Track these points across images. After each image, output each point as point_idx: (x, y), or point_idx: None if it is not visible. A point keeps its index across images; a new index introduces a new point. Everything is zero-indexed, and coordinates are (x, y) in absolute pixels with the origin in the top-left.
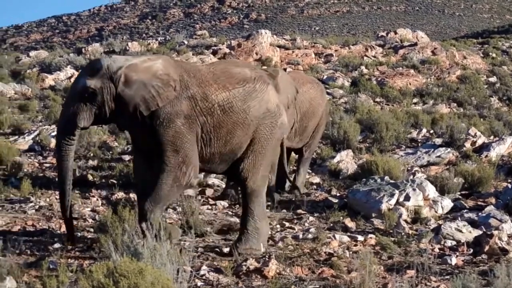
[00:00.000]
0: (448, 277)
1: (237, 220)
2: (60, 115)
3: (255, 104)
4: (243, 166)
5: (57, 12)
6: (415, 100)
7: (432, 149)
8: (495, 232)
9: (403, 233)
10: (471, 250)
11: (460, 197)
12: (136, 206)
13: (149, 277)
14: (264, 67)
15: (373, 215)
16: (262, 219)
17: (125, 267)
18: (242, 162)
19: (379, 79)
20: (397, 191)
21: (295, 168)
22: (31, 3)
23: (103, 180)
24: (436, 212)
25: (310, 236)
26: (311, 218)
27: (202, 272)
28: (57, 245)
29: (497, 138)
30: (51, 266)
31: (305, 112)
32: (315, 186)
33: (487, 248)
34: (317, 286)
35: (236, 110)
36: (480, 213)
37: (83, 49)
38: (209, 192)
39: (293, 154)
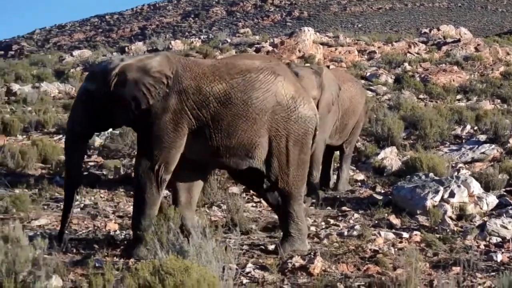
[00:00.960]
0: (493, 273)
1: None
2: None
3: (258, 96)
4: (270, 168)
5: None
6: (458, 97)
7: (477, 146)
8: None
9: (448, 230)
10: None
11: (505, 193)
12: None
13: (195, 275)
14: (308, 65)
15: (418, 212)
16: (303, 220)
17: (171, 265)
18: (268, 165)
19: (422, 75)
20: (441, 188)
21: (337, 166)
22: (74, 3)
23: None
24: (481, 208)
25: (355, 233)
26: (356, 215)
27: (247, 270)
28: (102, 243)
29: None
30: (97, 264)
31: (346, 110)
32: (359, 183)
33: None
34: (363, 283)
35: (234, 101)
36: None
37: (126, 48)
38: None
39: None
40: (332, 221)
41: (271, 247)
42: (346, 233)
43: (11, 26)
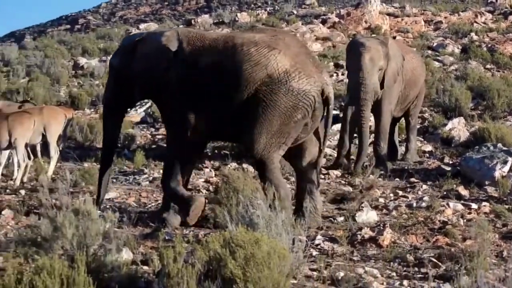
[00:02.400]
0: None
1: (350, 189)
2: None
3: (246, 68)
4: (245, 134)
5: None
6: None
7: None
8: None
9: None
10: None
11: None
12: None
13: (265, 247)
14: (374, 35)
15: (487, 182)
16: (278, 186)
17: (241, 237)
18: (244, 131)
19: (489, 45)
20: (510, 158)
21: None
22: None
23: (216, 151)
24: None
25: (423, 204)
26: (424, 187)
27: (317, 242)
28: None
29: None
30: (166, 237)
31: (408, 81)
32: (427, 154)
33: None
34: (432, 255)
35: (226, 73)
36: None
37: (192, 20)
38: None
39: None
40: (400, 193)
41: (340, 219)
42: (414, 204)
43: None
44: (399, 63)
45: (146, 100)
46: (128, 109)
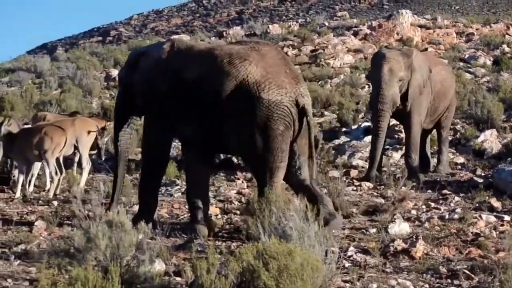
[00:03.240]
0: None
1: (383, 201)
2: None
3: (219, 80)
4: (229, 145)
5: None
6: None
7: None
8: None
9: None
10: None
11: None
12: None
13: (298, 259)
14: (400, 47)
15: None
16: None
17: (274, 249)
18: (235, 149)
19: None
20: None
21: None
22: None
23: None
24: None
25: (456, 216)
26: (456, 198)
27: (349, 253)
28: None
29: None
30: (199, 248)
31: (437, 93)
32: (459, 166)
33: None
34: (465, 266)
35: (203, 85)
36: None
37: (224, 32)
38: (353, 173)
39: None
40: (433, 204)
41: (373, 230)
42: (447, 216)
43: (108, 11)
44: (425, 74)
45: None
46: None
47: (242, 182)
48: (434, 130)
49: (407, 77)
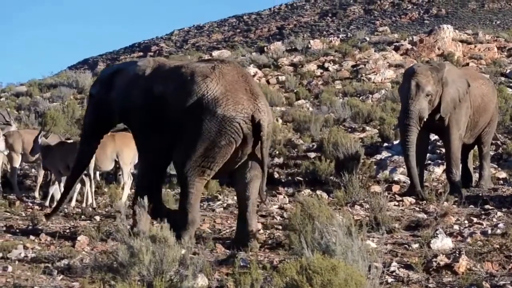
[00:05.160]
0: None
1: (425, 216)
2: None
3: (181, 96)
4: (175, 153)
5: (238, 11)
6: None
7: None
8: None
9: None
10: None
11: None
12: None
13: (342, 274)
14: (432, 61)
15: None
16: (189, 210)
17: (318, 264)
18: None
19: None
20: None
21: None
22: (212, 4)
23: (289, 178)
24: None
25: (498, 231)
26: (499, 213)
27: (392, 268)
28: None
29: None
30: (242, 263)
31: (477, 108)
32: (501, 181)
33: None
34: (508, 282)
35: (169, 101)
36: None
37: (265, 48)
38: (395, 188)
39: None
40: (475, 220)
41: (415, 245)
42: (489, 231)
43: (149, 27)
44: (461, 88)
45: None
46: (105, 133)
47: (284, 197)
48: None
49: (437, 92)
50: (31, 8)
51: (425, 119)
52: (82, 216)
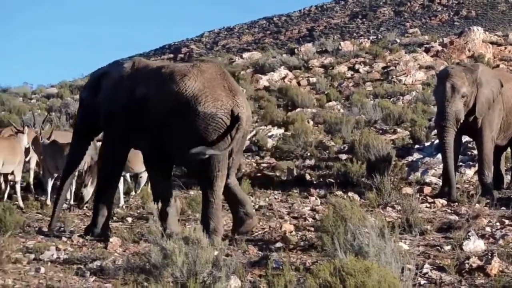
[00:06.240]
0: None
1: (457, 218)
2: None
3: (161, 95)
4: (174, 157)
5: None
6: None
7: None
8: None
9: None
10: None
11: None
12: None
13: (376, 276)
14: (464, 63)
15: None
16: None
17: (351, 266)
18: (174, 156)
19: None
20: None
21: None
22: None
23: (321, 179)
24: None
25: None
26: None
27: (424, 270)
28: (278, 244)
29: None
30: (274, 265)
31: (510, 109)
32: None
33: None
34: None
35: (150, 101)
36: None
37: (295, 49)
38: (427, 190)
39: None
40: (507, 222)
41: (447, 247)
42: None
43: (180, 29)
44: (494, 89)
45: (251, 129)
46: (94, 137)
47: (316, 199)
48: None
49: (472, 93)
50: (65, 3)
51: (461, 121)
52: (114, 218)
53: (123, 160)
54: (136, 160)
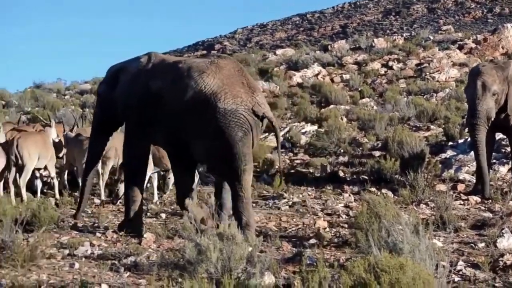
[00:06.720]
0: None
1: (490, 215)
2: None
3: (179, 92)
4: (194, 153)
5: (301, 10)
6: None
7: None
8: None
9: None
10: None
11: None
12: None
13: (410, 273)
14: (496, 60)
15: None
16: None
17: (386, 262)
18: (199, 156)
19: None
20: None
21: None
22: (276, 2)
23: (354, 176)
24: None
25: None
26: None
27: (458, 268)
28: (312, 241)
29: None
30: (308, 262)
31: None
32: None
33: None
34: None
35: (166, 97)
36: None
37: (329, 46)
38: (460, 187)
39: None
40: None
41: (481, 245)
42: None
43: (213, 25)
44: None
45: (284, 125)
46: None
47: (349, 195)
48: None
49: (503, 90)
50: None
51: (492, 119)
52: (148, 214)
53: (144, 155)
54: None
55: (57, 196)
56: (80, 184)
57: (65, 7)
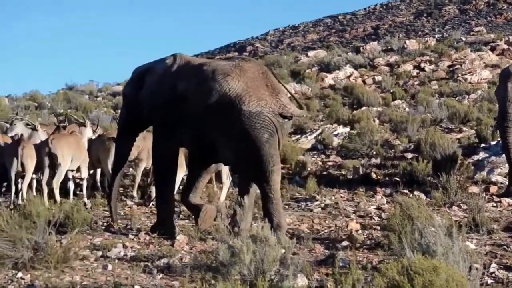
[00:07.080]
0: None
1: None
2: None
3: (203, 94)
4: (222, 156)
5: (333, 11)
6: None
7: None
8: None
9: None
10: None
11: None
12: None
13: (444, 275)
14: None
15: None
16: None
17: (419, 265)
18: (224, 158)
19: None
20: None
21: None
22: (307, 4)
23: (387, 178)
24: None
25: None
26: None
27: (491, 270)
28: (345, 243)
29: None
30: (341, 264)
31: None
32: None
33: None
34: None
35: (191, 100)
36: None
37: (361, 48)
38: (493, 189)
39: None
40: None
41: None
42: None
43: (245, 27)
44: None
45: (316, 127)
46: (139, 132)
47: (382, 197)
48: None
49: None
50: None
51: None
52: (181, 216)
53: (171, 156)
54: None
55: (85, 199)
56: (108, 187)
57: (104, 8)
